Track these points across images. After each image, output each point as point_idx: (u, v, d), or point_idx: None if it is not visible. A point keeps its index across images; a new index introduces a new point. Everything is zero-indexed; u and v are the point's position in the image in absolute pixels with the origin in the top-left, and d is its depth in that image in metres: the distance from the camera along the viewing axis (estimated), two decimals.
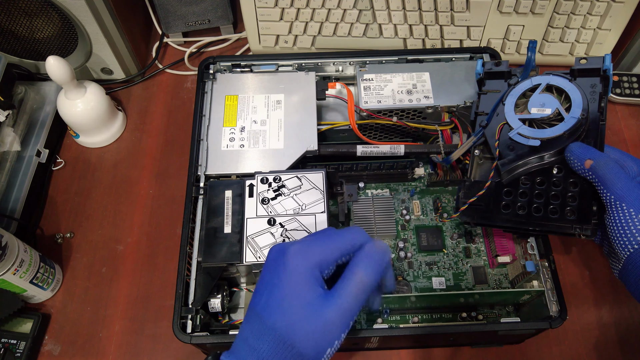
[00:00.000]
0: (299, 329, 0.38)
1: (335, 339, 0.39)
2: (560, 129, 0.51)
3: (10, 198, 0.68)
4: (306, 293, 0.39)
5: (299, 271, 0.40)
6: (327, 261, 0.41)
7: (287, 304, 0.39)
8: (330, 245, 0.41)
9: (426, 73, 0.66)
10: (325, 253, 0.41)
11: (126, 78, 0.81)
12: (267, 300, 0.39)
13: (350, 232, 0.42)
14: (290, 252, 0.40)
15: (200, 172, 0.60)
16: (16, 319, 0.62)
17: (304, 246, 0.41)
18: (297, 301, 0.39)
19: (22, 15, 0.70)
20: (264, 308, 0.39)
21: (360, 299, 0.40)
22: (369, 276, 0.40)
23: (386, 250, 0.42)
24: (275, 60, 0.68)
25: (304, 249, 0.41)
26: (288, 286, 0.39)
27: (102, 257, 0.68)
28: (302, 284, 0.39)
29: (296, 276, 0.39)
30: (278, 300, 0.39)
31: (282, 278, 0.40)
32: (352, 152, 0.63)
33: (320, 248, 0.41)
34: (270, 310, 0.39)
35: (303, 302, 0.39)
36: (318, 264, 0.40)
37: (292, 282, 0.39)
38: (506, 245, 0.61)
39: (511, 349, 0.62)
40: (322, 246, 0.41)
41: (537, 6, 0.74)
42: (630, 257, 0.45)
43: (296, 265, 0.40)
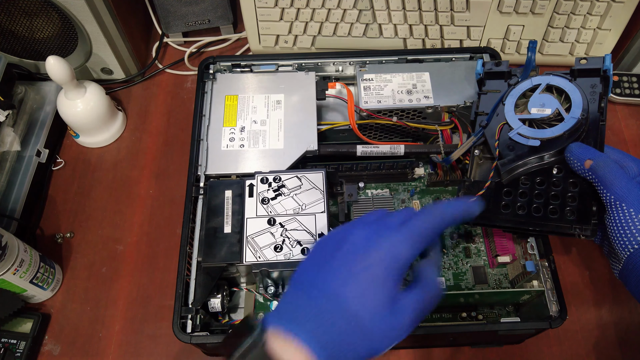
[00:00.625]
0: (379, 321, 0.37)
1: (397, 338, 0.38)
2: (560, 129, 0.51)
3: (10, 198, 0.68)
4: (390, 290, 0.38)
5: (389, 267, 0.38)
6: (416, 253, 0.40)
7: (372, 294, 0.37)
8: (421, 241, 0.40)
9: (426, 73, 0.66)
10: (417, 250, 0.40)
11: (126, 78, 0.81)
12: (349, 282, 0.38)
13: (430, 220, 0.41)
14: (383, 243, 0.39)
15: (200, 172, 0.60)
16: (16, 319, 0.62)
17: (400, 241, 0.39)
18: (381, 295, 0.38)
19: (22, 15, 0.70)
20: (343, 289, 0.37)
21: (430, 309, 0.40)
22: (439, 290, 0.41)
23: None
24: (275, 60, 0.68)
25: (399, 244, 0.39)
26: (373, 277, 0.38)
27: (102, 257, 0.68)
28: (387, 279, 0.38)
29: (385, 270, 0.38)
30: (362, 287, 0.38)
31: (369, 268, 0.38)
32: (352, 152, 0.63)
33: (414, 244, 0.40)
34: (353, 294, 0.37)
35: (386, 296, 0.38)
36: (409, 258, 0.39)
37: (376, 274, 0.38)
38: (506, 245, 0.61)
39: (511, 349, 0.62)
40: (415, 237, 0.40)
41: (537, 6, 0.74)
42: (630, 257, 0.45)
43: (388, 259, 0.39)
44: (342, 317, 0.37)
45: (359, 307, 0.37)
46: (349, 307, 0.37)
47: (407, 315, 0.38)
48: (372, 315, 0.37)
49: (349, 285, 0.38)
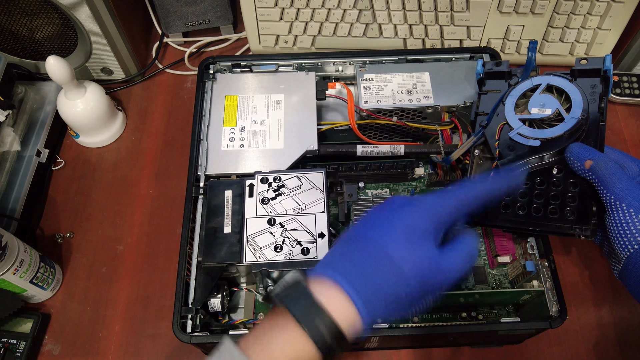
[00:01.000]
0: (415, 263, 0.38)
1: (437, 289, 0.40)
2: (560, 129, 0.51)
3: (10, 198, 0.68)
4: (431, 248, 0.40)
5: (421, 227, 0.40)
6: (449, 223, 0.41)
7: (408, 240, 0.39)
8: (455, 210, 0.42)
9: (426, 73, 0.66)
10: (450, 217, 0.41)
11: (126, 78, 0.81)
12: (394, 236, 0.39)
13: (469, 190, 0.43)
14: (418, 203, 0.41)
15: (200, 172, 0.60)
16: (16, 319, 0.62)
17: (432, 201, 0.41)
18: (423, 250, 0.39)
19: (22, 15, 0.70)
20: (389, 243, 0.39)
21: (470, 264, 0.41)
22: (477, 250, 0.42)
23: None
24: (275, 60, 0.68)
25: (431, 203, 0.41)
26: (410, 235, 0.39)
27: (102, 257, 0.68)
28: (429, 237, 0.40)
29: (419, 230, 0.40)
30: (402, 243, 0.39)
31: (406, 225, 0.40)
32: (352, 152, 0.63)
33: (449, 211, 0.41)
34: (398, 250, 0.39)
35: (428, 253, 0.39)
36: (443, 226, 0.41)
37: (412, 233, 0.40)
38: (506, 245, 0.61)
39: (511, 349, 0.62)
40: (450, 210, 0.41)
41: (537, 6, 0.74)
42: (630, 258, 0.45)
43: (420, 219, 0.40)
44: (384, 267, 0.38)
45: (401, 260, 0.38)
46: (391, 256, 0.38)
47: (446, 266, 0.40)
48: (411, 264, 0.38)
49: (390, 235, 0.39)
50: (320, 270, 0.39)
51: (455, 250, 0.41)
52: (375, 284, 0.38)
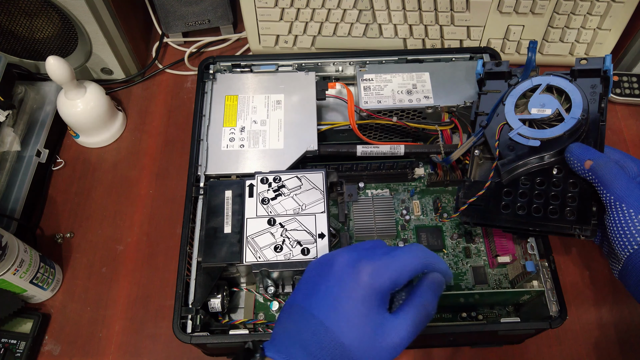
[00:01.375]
0: (365, 347, 0.37)
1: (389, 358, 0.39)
2: (560, 129, 0.51)
3: (10, 198, 0.68)
4: (375, 315, 0.38)
5: (371, 291, 0.39)
6: (398, 284, 0.40)
7: (355, 322, 0.38)
8: (404, 269, 0.40)
9: (426, 73, 0.66)
10: (399, 277, 0.40)
11: (126, 78, 0.81)
12: (334, 309, 0.38)
13: (417, 254, 0.41)
14: (365, 268, 0.39)
15: (200, 172, 0.60)
16: (16, 319, 0.62)
17: (381, 266, 0.40)
18: (365, 319, 0.38)
19: (22, 15, 0.70)
20: (329, 317, 0.38)
21: (421, 328, 0.40)
22: (434, 308, 0.41)
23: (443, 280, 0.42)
24: (275, 60, 0.68)
25: (380, 269, 0.39)
26: (356, 302, 0.38)
27: (102, 257, 0.68)
28: (371, 303, 0.38)
29: (368, 295, 0.38)
30: (346, 315, 0.38)
31: (351, 293, 0.38)
32: (352, 152, 0.63)
33: (396, 271, 0.40)
34: (338, 324, 0.38)
35: (370, 321, 0.38)
36: (390, 288, 0.39)
37: (361, 299, 0.38)
38: (506, 245, 0.61)
39: (511, 349, 0.62)
40: (396, 269, 0.40)
41: (537, 6, 0.74)
42: (630, 258, 0.45)
43: (370, 284, 0.39)
44: (328, 344, 0.37)
45: (344, 335, 0.37)
46: (334, 335, 0.37)
47: (395, 338, 0.39)
48: (357, 342, 0.37)
49: (333, 312, 0.38)
50: (273, 352, 0.39)
51: (405, 313, 0.40)
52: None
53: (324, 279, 0.40)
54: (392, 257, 0.40)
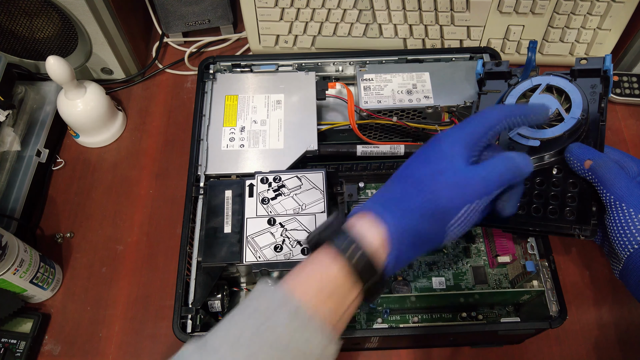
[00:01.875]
0: (441, 177, 0.40)
1: (473, 198, 0.40)
2: (560, 129, 0.51)
3: (10, 198, 0.68)
4: (457, 160, 0.41)
5: (452, 153, 0.41)
6: (479, 142, 0.42)
7: (435, 159, 0.41)
8: (481, 124, 0.43)
9: (426, 73, 0.66)
10: (477, 133, 0.42)
11: (126, 78, 0.81)
12: (418, 164, 0.42)
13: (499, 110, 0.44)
14: (448, 139, 0.42)
15: (200, 172, 0.60)
16: (16, 319, 0.62)
17: (459, 131, 0.43)
18: (444, 160, 0.41)
19: (22, 15, 0.70)
20: (408, 166, 0.43)
21: (503, 179, 0.41)
22: (526, 165, 0.42)
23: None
24: (275, 60, 0.68)
25: (458, 134, 0.42)
26: (439, 159, 0.41)
27: (102, 257, 0.68)
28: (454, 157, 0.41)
29: (449, 156, 0.41)
30: (426, 164, 0.42)
31: (434, 156, 0.42)
32: (352, 152, 0.63)
33: (474, 129, 0.42)
34: (416, 167, 0.42)
35: (450, 161, 0.41)
36: (471, 147, 0.42)
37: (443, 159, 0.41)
38: (506, 245, 0.61)
39: (511, 349, 0.62)
40: (475, 126, 0.43)
41: (537, 6, 0.74)
42: (630, 258, 0.45)
43: (451, 150, 0.42)
44: (421, 200, 0.40)
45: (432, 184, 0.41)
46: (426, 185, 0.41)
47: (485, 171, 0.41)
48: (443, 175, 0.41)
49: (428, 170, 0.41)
50: (365, 204, 0.41)
51: (494, 158, 0.42)
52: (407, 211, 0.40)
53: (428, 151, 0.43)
54: (470, 120, 0.44)
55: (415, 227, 0.39)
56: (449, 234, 0.41)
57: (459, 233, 0.41)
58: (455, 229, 0.40)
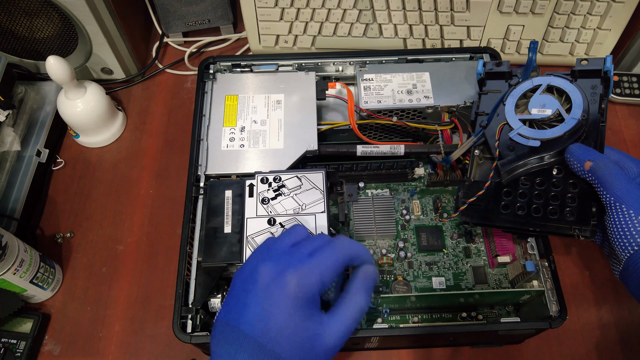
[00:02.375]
0: (304, 356, 0.38)
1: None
2: (561, 129, 0.51)
3: (10, 198, 0.68)
4: (309, 322, 0.39)
5: (301, 299, 0.39)
6: (327, 285, 0.41)
7: (289, 333, 0.38)
8: (330, 269, 0.41)
9: (426, 73, 0.66)
10: (327, 279, 0.40)
11: (126, 78, 0.81)
12: (266, 325, 0.38)
13: (342, 251, 0.42)
14: (292, 279, 0.39)
15: (200, 172, 0.60)
16: (16, 319, 0.62)
17: (308, 273, 0.40)
18: (300, 329, 0.38)
19: (22, 15, 0.70)
20: (264, 334, 0.38)
21: (357, 323, 0.40)
22: (367, 303, 0.41)
23: (376, 270, 0.43)
24: (275, 60, 0.68)
25: (307, 276, 0.40)
26: (288, 314, 0.38)
27: (102, 257, 0.68)
28: (304, 312, 0.39)
29: (299, 304, 0.39)
30: (279, 329, 0.38)
31: (282, 306, 0.39)
32: (352, 152, 0.63)
33: (322, 275, 0.40)
34: (273, 339, 0.38)
35: (305, 329, 0.38)
36: (319, 290, 0.40)
37: (292, 310, 0.38)
38: (506, 245, 0.61)
39: (511, 349, 0.62)
40: (322, 272, 0.40)
41: (537, 6, 0.74)
42: (630, 259, 0.45)
43: (299, 293, 0.39)
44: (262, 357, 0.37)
45: (282, 349, 0.37)
46: (272, 352, 0.37)
47: (331, 340, 0.39)
48: (295, 353, 0.38)
49: (266, 329, 0.38)
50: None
51: (339, 314, 0.40)
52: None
53: (252, 295, 0.40)
54: (318, 260, 0.41)
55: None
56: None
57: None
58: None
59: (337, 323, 0.40)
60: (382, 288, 0.61)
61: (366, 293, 0.42)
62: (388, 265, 0.62)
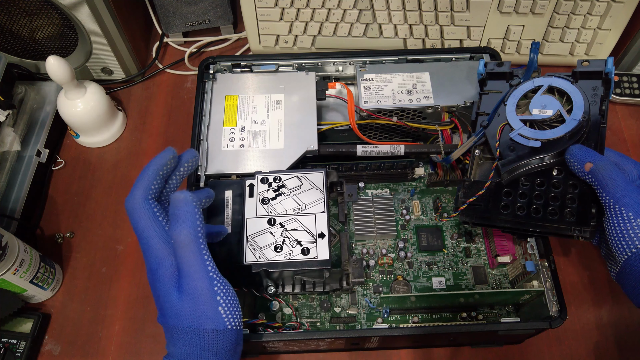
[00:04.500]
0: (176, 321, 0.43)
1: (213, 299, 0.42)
2: (561, 130, 0.51)
3: (10, 198, 0.68)
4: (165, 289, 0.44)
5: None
6: (154, 189, 0.46)
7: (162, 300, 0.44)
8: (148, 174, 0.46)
9: (426, 73, 0.66)
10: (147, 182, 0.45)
11: (126, 78, 0.81)
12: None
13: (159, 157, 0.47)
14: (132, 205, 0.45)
15: (200, 172, 0.60)
16: (16, 319, 0.62)
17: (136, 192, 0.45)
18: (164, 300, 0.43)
19: (22, 15, 0.70)
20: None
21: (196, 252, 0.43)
22: (188, 235, 0.43)
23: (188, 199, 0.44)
24: (275, 60, 0.68)
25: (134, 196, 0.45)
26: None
27: (102, 257, 0.68)
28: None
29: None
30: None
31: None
32: (352, 152, 0.63)
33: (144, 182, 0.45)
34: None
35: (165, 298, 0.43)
36: (148, 195, 0.45)
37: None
38: (506, 245, 0.61)
39: (511, 349, 0.62)
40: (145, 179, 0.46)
41: (537, 6, 0.74)
42: (628, 261, 0.45)
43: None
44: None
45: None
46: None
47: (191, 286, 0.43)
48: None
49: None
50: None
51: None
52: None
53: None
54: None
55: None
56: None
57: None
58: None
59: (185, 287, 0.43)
60: (382, 288, 0.61)
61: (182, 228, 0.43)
62: (388, 265, 0.62)
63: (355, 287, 0.61)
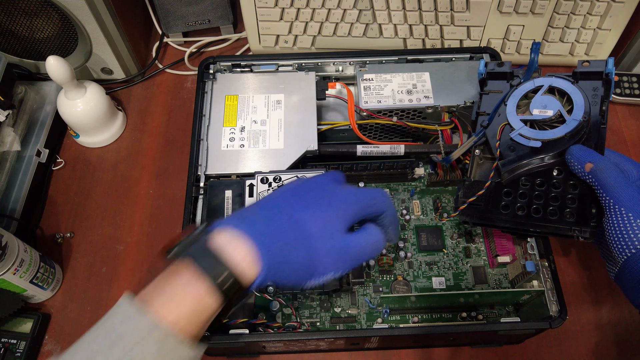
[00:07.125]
0: (322, 241, 0.41)
1: (345, 267, 0.42)
2: (562, 131, 0.51)
3: (10, 198, 0.68)
4: (341, 222, 0.43)
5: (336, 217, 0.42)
6: (357, 217, 0.44)
7: (324, 217, 0.42)
8: (365, 208, 0.45)
9: (426, 73, 0.66)
10: (359, 212, 0.44)
11: (126, 78, 0.81)
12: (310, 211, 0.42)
13: (379, 198, 0.46)
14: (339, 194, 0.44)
15: (200, 172, 0.60)
16: (16, 319, 0.62)
17: (355, 191, 0.45)
18: (332, 220, 0.42)
19: (22, 15, 0.70)
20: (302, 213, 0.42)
21: (376, 248, 0.44)
22: (393, 236, 0.46)
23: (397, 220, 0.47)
24: (275, 60, 0.68)
25: (355, 191, 0.45)
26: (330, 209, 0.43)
27: (102, 257, 0.68)
28: (340, 216, 0.43)
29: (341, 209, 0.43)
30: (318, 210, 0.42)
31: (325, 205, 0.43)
32: (352, 152, 0.63)
33: (358, 207, 0.44)
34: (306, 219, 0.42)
35: (335, 224, 0.42)
36: (352, 218, 0.44)
37: (334, 209, 0.43)
38: (506, 245, 0.61)
39: (511, 349, 0.62)
40: (359, 205, 0.44)
41: (537, 6, 0.74)
42: (627, 262, 0.45)
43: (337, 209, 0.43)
44: (290, 227, 0.41)
45: (309, 224, 0.41)
46: (299, 220, 0.41)
47: (348, 248, 0.42)
48: (319, 234, 0.41)
49: (306, 208, 0.42)
50: (230, 223, 0.40)
51: (363, 232, 0.44)
52: (284, 254, 0.40)
53: (304, 189, 0.44)
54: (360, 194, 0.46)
55: (285, 265, 0.40)
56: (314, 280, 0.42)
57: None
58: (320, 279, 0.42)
59: (355, 240, 0.43)
60: (382, 288, 0.61)
61: (392, 228, 0.46)
62: (388, 265, 0.62)
63: (355, 287, 0.61)
